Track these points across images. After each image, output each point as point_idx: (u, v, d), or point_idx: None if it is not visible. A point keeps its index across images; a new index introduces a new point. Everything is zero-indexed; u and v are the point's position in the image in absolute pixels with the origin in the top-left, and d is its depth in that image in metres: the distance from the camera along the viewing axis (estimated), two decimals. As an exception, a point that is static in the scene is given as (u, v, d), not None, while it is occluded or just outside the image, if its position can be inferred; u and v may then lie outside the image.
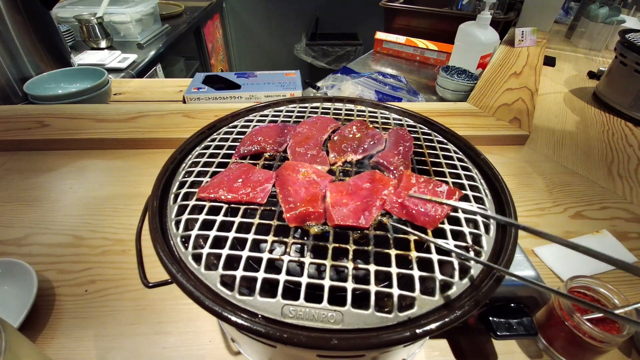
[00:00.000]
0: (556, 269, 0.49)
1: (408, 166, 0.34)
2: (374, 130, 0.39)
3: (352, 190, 0.30)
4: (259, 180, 0.31)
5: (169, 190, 0.33)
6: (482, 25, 1.02)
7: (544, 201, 0.61)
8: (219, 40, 2.40)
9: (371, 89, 0.82)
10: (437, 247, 0.26)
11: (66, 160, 0.68)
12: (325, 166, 0.33)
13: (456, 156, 0.38)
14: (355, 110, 0.46)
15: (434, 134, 0.42)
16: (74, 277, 0.47)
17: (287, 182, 0.30)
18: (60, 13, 1.44)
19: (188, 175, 0.34)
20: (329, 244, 0.26)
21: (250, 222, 0.28)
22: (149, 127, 0.73)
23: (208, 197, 0.30)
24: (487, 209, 0.31)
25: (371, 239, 0.27)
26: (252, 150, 0.36)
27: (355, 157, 0.35)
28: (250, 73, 0.91)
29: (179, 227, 0.28)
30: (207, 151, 0.37)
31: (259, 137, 0.37)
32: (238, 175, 0.32)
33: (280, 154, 0.36)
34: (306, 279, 0.24)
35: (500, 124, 0.78)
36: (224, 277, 0.25)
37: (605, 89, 0.97)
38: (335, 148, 0.36)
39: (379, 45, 1.48)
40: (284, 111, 0.46)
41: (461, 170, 0.35)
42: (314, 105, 0.47)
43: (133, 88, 1.04)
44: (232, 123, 0.43)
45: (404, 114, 0.46)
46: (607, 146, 0.77)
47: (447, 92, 1.03)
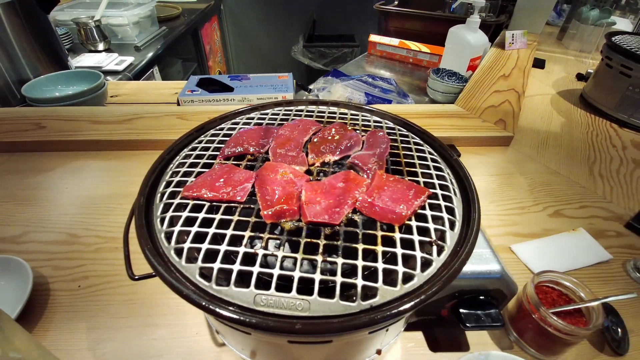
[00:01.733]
0: (531, 265, 0.51)
1: (382, 166, 0.36)
2: (352, 132, 0.41)
3: (327, 189, 0.32)
4: (239, 180, 0.33)
5: (156, 189, 0.35)
6: (471, 29, 1.04)
7: (524, 200, 0.63)
8: (216, 42, 2.43)
9: (361, 91, 0.84)
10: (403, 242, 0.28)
11: (62, 161, 0.70)
12: (303, 166, 0.35)
13: (430, 157, 0.40)
14: (337, 113, 0.48)
15: (412, 136, 0.44)
16: (68, 273, 0.49)
17: (265, 181, 0.32)
18: (58, 16, 1.46)
19: (174, 175, 0.36)
20: (301, 239, 0.28)
21: (229, 219, 0.30)
22: (143, 128, 0.75)
23: (191, 196, 0.32)
24: (454, 207, 0.33)
25: (341, 234, 0.29)
26: (236, 152, 0.38)
27: (333, 157, 0.37)
28: (243, 76, 0.93)
29: (164, 223, 0.30)
30: (194, 152, 0.39)
31: (243, 139, 0.39)
32: (220, 175, 0.34)
33: (263, 155, 0.38)
34: (278, 271, 0.26)
35: (486, 125, 0.80)
36: (202, 269, 0.27)
37: (592, 91, 0.99)
38: (314, 149, 0.38)
39: (373, 48, 1.50)
40: (269, 114, 0.48)
41: (434, 170, 0.37)
42: (299, 108, 0.49)
43: (129, 90, 1.06)
44: (220, 125, 0.45)
45: (384, 117, 0.48)
46: (591, 147, 0.80)
47: (437, 94, 1.05)
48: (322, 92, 0.87)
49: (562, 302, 0.40)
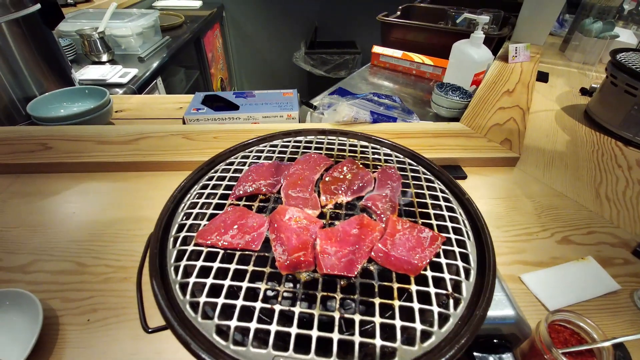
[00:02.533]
0: (541, 296, 0.51)
1: (395, 209, 0.36)
2: (363, 170, 0.41)
3: (341, 237, 0.32)
4: (253, 227, 0.33)
5: (169, 232, 0.35)
6: (475, 44, 1.04)
7: (532, 225, 0.63)
8: (218, 50, 2.43)
9: (366, 110, 0.84)
10: (419, 295, 0.28)
11: (69, 183, 0.70)
12: (316, 210, 0.35)
13: (442, 195, 0.40)
14: (347, 145, 0.48)
15: (422, 171, 0.44)
16: (77, 305, 0.49)
17: (279, 228, 0.32)
18: (62, 27, 1.46)
19: (186, 218, 0.36)
20: (317, 293, 0.28)
21: (245, 269, 0.30)
22: (149, 149, 0.75)
23: (205, 244, 0.32)
24: (468, 252, 0.33)
25: (357, 287, 0.29)
26: (248, 192, 0.38)
27: (345, 198, 0.37)
28: (248, 92, 0.93)
29: (178, 273, 0.30)
30: (205, 191, 0.39)
31: (254, 177, 0.39)
32: (234, 220, 0.33)
33: (274, 195, 0.38)
34: (295, 330, 0.26)
35: (492, 145, 0.80)
36: (219, 326, 0.27)
37: (596, 108, 0.99)
38: (326, 190, 0.38)
39: (376, 59, 1.50)
40: (279, 146, 0.48)
41: (446, 211, 0.37)
42: (308, 139, 0.49)
43: (134, 105, 1.06)
44: (229, 159, 0.45)
45: (394, 149, 0.48)
46: (597, 167, 0.80)
47: (441, 109, 1.05)
48: (327, 110, 0.87)
49: (574, 341, 0.40)
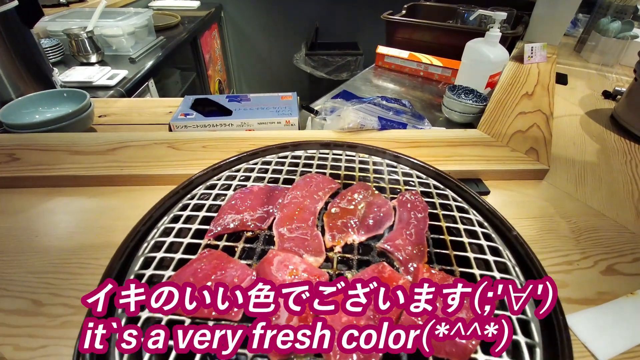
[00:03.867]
0: (591, 345, 0.42)
1: (424, 253, 0.27)
2: (380, 198, 0.32)
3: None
4: (233, 282, 0.24)
5: (122, 286, 0.26)
6: (491, 43, 0.96)
7: (571, 252, 0.53)
8: (216, 51, 2.35)
9: (374, 115, 0.75)
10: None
11: (36, 200, 0.61)
12: (319, 257, 0.27)
13: (481, 231, 0.31)
14: (357, 162, 0.39)
15: (451, 196, 0.35)
16: (30, 356, 0.40)
17: (269, 286, 0.23)
18: (49, 27, 1.38)
19: (146, 267, 0.27)
20: (322, 392, 0.19)
21: (218, 350, 0.21)
22: (128, 160, 0.66)
23: (165, 312, 0.23)
24: (529, 319, 0.24)
25: (379, 382, 0.20)
26: (230, 228, 0.29)
27: (358, 238, 0.28)
28: (243, 96, 0.84)
29: (125, 355, 0.22)
30: (175, 225, 0.30)
31: (239, 208, 0.30)
32: (208, 273, 0.25)
33: (265, 233, 0.30)
34: None
35: (516, 155, 0.71)
36: None
37: (625, 113, 0.90)
38: (333, 226, 0.29)
39: (381, 60, 1.42)
40: (273, 163, 0.39)
41: (490, 254, 0.28)
42: (309, 154, 0.41)
43: (120, 109, 0.98)
44: (211, 180, 0.37)
45: (415, 166, 0.39)
46: (632, 180, 0.70)
47: (454, 114, 0.97)
48: (330, 115, 0.78)
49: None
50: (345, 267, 0.27)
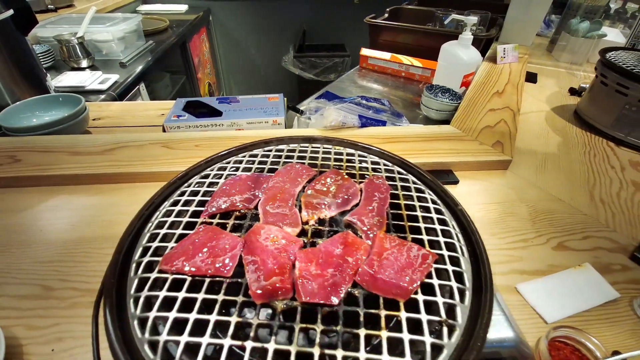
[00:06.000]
0: (539, 308, 0.48)
1: (383, 224, 0.33)
2: (348, 182, 0.38)
3: (323, 258, 0.29)
4: (225, 249, 0.29)
5: (132, 257, 0.31)
6: (464, 45, 1.03)
7: (527, 232, 0.60)
8: (205, 54, 2.39)
9: (354, 114, 0.81)
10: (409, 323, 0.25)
11: (39, 198, 0.65)
12: (296, 227, 0.32)
13: (433, 207, 0.37)
14: (332, 153, 0.45)
15: (412, 180, 0.41)
16: (42, 334, 0.44)
17: (254, 250, 0.29)
18: (40, 33, 1.41)
19: (152, 240, 0.32)
20: (295, 325, 0.25)
21: (214, 299, 0.27)
22: (126, 159, 0.71)
23: (170, 270, 0.28)
24: (462, 271, 0.30)
25: (340, 316, 0.26)
26: (222, 209, 0.34)
27: (329, 213, 0.34)
28: (232, 98, 0.90)
29: (138, 305, 0.27)
30: (175, 208, 0.36)
31: (229, 191, 0.36)
32: (204, 242, 0.30)
33: (252, 212, 0.35)
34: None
35: (483, 148, 0.77)
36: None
37: (587, 108, 0.98)
38: (308, 204, 0.35)
39: (365, 62, 1.48)
40: (259, 156, 0.44)
41: (438, 224, 0.34)
42: (291, 147, 0.46)
43: (113, 112, 1.02)
44: (205, 171, 0.42)
45: (382, 156, 0.45)
46: (589, 169, 0.78)
47: (431, 112, 1.03)
48: (314, 114, 0.84)
49: (575, 358, 0.38)
50: (318, 237, 0.32)
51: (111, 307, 0.26)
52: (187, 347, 0.24)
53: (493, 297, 0.28)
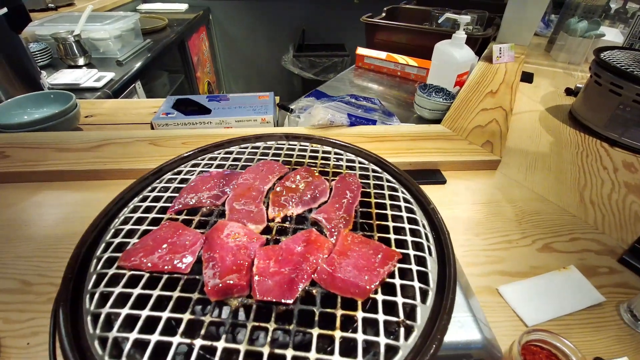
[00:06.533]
0: (520, 310, 0.48)
1: (349, 222, 0.33)
2: (318, 179, 0.37)
3: (283, 256, 0.28)
4: (185, 245, 0.29)
5: (94, 252, 0.31)
6: (457, 45, 1.02)
7: (512, 232, 0.59)
8: (205, 53, 2.39)
9: (343, 113, 0.81)
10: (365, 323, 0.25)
11: (25, 194, 0.65)
12: (260, 224, 0.32)
13: (405, 205, 0.36)
14: (308, 151, 0.45)
15: (386, 178, 0.40)
16: (19, 327, 0.45)
17: (214, 247, 0.29)
18: (38, 31, 1.42)
19: (116, 235, 0.32)
20: (248, 323, 0.25)
21: (169, 295, 0.26)
22: (112, 156, 0.71)
23: (128, 266, 0.28)
24: (427, 271, 0.29)
25: (295, 315, 0.25)
26: (189, 205, 0.34)
27: (295, 210, 0.34)
28: (222, 96, 0.90)
29: (93, 301, 0.27)
30: (143, 204, 0.36)
31: (198, 189, 0.35)
32: (165, 238, 0.30)
33: (219, 209, 0.35)
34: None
35: (472, 148, 0.77)
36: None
37: (581, 108, 0.97)
38: (275, 201, 0.34)
39: (361, 61, 1.48)
40: (234, 153, 0.44)
41: (407, 223, 0.34)
42: (268, 144, 0.46)
43: (106, 110, 1.02)
44: (178, 168, 0.42)
45: (359, 154, 0.45)
46: (581, 169, 0.77)
47: (424, 111, 1.03)
48: (303, 113, 0.84)
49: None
50: (283, 234, 0.32)
51: (65, 302, 0.26)
52: (138, 344, 0.24)
53: (454, 298, 0.27)
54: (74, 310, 0.26)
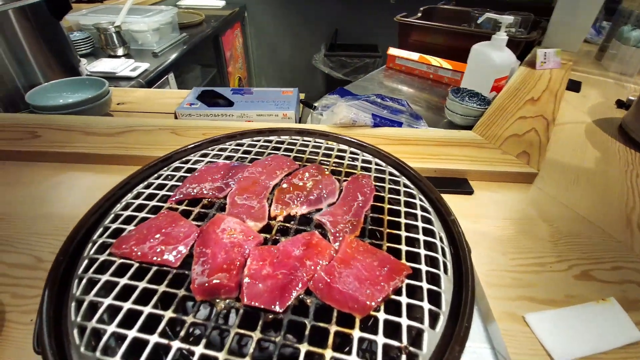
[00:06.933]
0: (548, 343, 0.42)
1: (357, 227, 0.30)
2: (328, 179, 0.34)
3: (279, 259, 0.26)
4: (178, 237, 0.27)
5: (91, 236, 0.30)
6: (497, 47, 0.95)
7: (546, 254, 0.53)
8: (238, 49, 2.43)
9: (367, 112, 0.77)
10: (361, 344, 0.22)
11: (51, 174, 0.68)
12: (260, 222, 0.30)
13: (421, 214, 0.33)
14: (322, 148, 0.42)
15: (404, 183, 0.37)
16: (25, 303, 0.45)
17: (207, 241, 0.27)
18: (82, 20, 1.49)
19: (114, 220, 0.31)
20: (232, 329, 0.22)
21: (155, 289, 0.25)
22: (135, 143, 0.72)
23: (119, 254, 0.27)
24: (441, 291, 0.26)
25: (284, 326, 0.23)
26: (190, 195, 0.33)
27: (299, 210, 0.31)
28: (246, 89, 0.89)
29: (80, 287, 0.25)
30: (146, 191, 0.35)
31: (202, 179, 0.34)
32: (160, 228, 0.28)
33: (220, 202, 0.33)
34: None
35: (506, 158, 0.71)
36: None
37: (633, 122, 0.87)
38: (279, 198, 0.32)
39: (392, 61, 1.43)
40: (245, 145, 0.42)
41: (422, 234, 0.30)
42: (281, 139, 0.44)
43: (137, 98, 1.05)
44: (187, 157, 0.41)
45: (377, 155, 0.41)
46: (630, 190, 0.68)
47: (455, 116, 0.97)
48: (326, 111, 0.81)
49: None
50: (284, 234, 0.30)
51: (52, 285, 0.25)
52: (115, 337, 0.22)
53: (470, 325, 0.24)
54: (61, 294, 0.25)
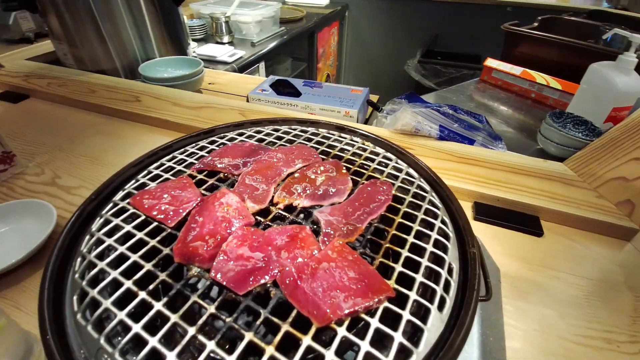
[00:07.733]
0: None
1: (354, 233, 0.27)
2: (343, 177, 0.32)
3: (260, 243, 0.25)
4: (182, 200, 0.29)
5: (125, 184, 0.34)
6: (622, 69, 0.77)
7: (616, 330, 0.42)
8: (331, 46, 2.50)
9: (435, 123, 0.71)
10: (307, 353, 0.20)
11: (139, 132, 0.80)
12: (258, 205, 0.29)
13: (437, 238, 0.28)
14: (356, 147, 0.40)
15: (430, 200, 0.32)
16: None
17: (203, 211, 0.28)
18: (201, 10, 1.72)
19: (145, 176, 0.35)
20: (192, 296, 0.23)
21: (147, 241, 0.27)
22: (206, 117, 0.80)
23: (133, 204, 0.30)
24: (424, 328, 0.22)
25: (241, 309, 0.22)
26: (209, 166, 0.34)
27: (302, 202, 0.30)
28: (317, 83, 0.90)
29: (96, 224, 0.29)
30: (180, 156, 0.38)
31: (224, 154, 0.35)
32: (172, 189, 0.31)
33: (234, 178, 0.34)
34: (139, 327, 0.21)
35: (601, 204, 0.57)
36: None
37: None
38: (286, 186, 0.31)
39: (488, 74, 1.29)
40: (280, 131, 0.43)
41: (428, 259, 0.26)
42: (316, 131, 0.43)
43: (225, 80, 1.16)
44: (227, 133, 0.43)
45: (412, 165, 0.37)
46: None
47: (550, 145, 0.82)
48: (390, 115, 0.77)
49: None
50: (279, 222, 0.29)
51: (77, 218, 0.29)
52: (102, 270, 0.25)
53: None
54: (83, 226, 0.29)
